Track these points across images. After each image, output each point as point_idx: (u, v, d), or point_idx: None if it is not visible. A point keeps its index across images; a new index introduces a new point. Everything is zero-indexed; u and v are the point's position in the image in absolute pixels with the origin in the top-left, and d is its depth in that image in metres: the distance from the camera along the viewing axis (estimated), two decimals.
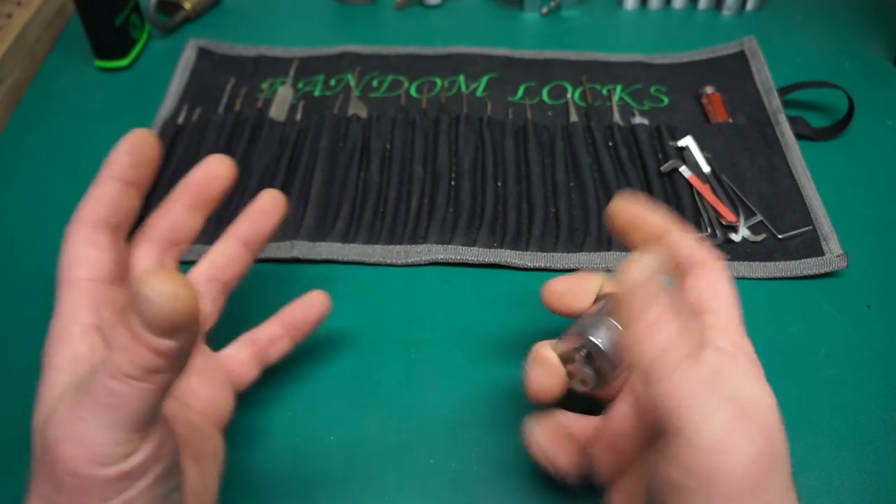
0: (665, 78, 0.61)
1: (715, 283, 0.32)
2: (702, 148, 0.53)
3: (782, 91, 0.58)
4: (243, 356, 0.37)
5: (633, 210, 0.33)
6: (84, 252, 0.29)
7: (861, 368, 0.42)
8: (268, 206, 0.37)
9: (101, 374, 0.23)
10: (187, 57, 0.63)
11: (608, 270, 0.36)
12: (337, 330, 0.44)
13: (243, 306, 0.45)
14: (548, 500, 0.37)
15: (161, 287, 0.21)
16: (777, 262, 0.47)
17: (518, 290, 0.46)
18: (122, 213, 0.30)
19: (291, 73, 0.62)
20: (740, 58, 0.62)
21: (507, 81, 0.61)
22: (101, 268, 0.29)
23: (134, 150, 0.30)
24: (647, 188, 0.51)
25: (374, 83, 0.61)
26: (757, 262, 0.47)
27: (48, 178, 0.54)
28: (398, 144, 0.54)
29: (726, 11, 0.69)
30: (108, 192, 0.30)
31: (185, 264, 0.47)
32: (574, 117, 0.57)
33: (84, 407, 0.23)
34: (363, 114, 0.57)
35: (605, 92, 0.60)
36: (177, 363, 0.23)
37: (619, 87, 0.60)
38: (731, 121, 0.56)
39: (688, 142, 0.53)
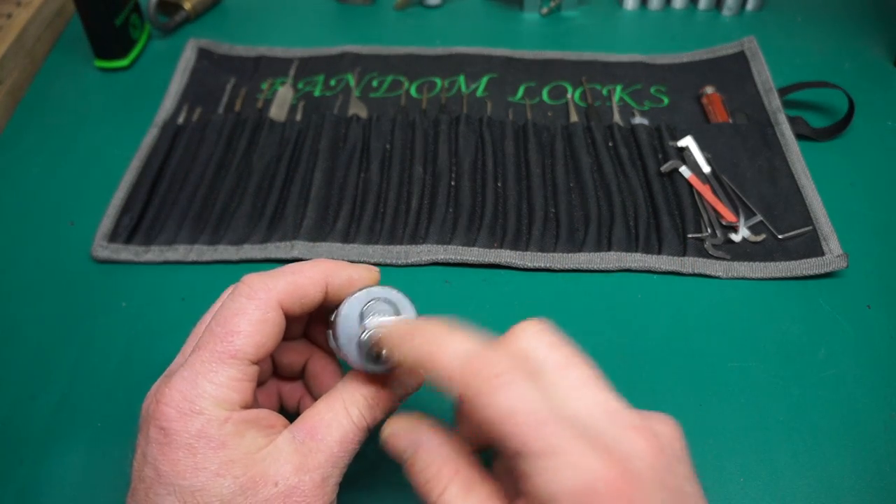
0: (665, 78, 0.61)
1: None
2: (702, 148, 0.53)
3: (782, 91, 0.58)
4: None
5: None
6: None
7: (861, 368, 0.42)
8: None
9: None
10: (187, 57, 0.63)
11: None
12: None
13: None
14: None
15: None
16: (777, 263, 0.47)
17: (518, 290, 0.46)
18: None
19: (291, 73, 0.62)
20: (740, 58, 0.62)
21: (507, 82, 0.61)
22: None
23: None
24: (647, 188, 0.51)
25: (374, 83, 0.61)
26: (757, 262, 0.47)
27: (48, 178, 0.54)
28: (398, 145, 0.54)
29: (726, 12, 0.69)
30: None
31: (184, 264, 0.48)
32: (574, 117, 0.57)
33: None
34: (363, 114, 0.57)
35: (605, 92, 0.60)
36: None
37: (619, 88, 0.60)
38: (731, 121, 0.56)
39: (688, 142, 0.53)
